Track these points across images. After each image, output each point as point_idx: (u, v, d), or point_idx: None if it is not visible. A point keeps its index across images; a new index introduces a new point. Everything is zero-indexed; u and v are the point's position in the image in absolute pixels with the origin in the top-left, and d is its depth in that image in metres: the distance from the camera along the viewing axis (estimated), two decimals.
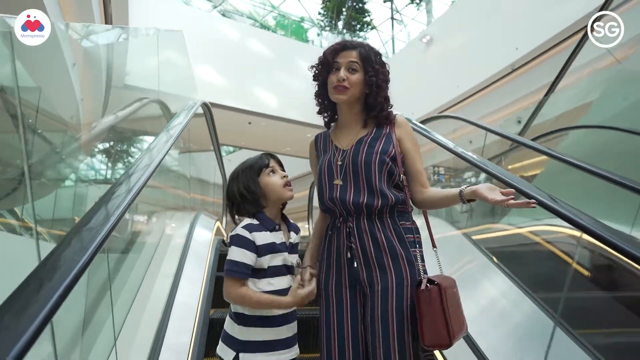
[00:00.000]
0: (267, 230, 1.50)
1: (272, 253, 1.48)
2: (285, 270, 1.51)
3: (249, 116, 12.15)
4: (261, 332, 1.45)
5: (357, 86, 1.51)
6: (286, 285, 1.50)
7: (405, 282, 1.42)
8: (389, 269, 1.43)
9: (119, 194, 1.23)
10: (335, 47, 1.55)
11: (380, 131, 1.55)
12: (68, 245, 0.91)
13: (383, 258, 1.44)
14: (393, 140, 1.53)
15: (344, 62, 1.52)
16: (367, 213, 1.47)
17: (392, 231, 1.47)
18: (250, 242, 1.46)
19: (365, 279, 1.46)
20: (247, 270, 1.44)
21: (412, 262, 1.44)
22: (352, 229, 1.49)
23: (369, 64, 1.52)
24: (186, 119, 2.55)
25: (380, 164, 1.47)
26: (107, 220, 1.05)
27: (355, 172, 1.49)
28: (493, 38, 9.67)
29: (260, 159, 1.58)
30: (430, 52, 12.15)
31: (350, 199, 1.47)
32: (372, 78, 1.51)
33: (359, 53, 1.52)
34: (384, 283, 1.42)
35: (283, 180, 1.56)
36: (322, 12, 19.12)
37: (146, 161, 1.64)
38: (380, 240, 1.45)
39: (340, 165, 1.52)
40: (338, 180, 1.51)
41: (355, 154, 1.51)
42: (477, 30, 10.33)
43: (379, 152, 1.48)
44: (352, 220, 1.49)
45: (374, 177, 1.46)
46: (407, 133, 1.57)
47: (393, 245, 1.45)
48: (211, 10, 16.03)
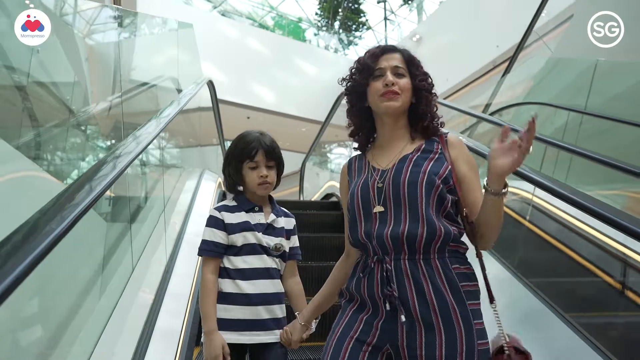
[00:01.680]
0: (243, 211, 1.57)
1: (245, 231, 1.53)
2: (259, 249, 1.54)
3: (248, 111, 12.76)
4: (225, 310, 1.49)
5: (407, 92, 1.28)
6: (260, 265, 1.53)
7: (459, 349, 1.09)
8: (437, 329, 1.11)
9: (159, 120, 1.85)
10: (375, 52, 1.32)
11: (431, 149, 1.28)
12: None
13: (430, 314, 1.12)
14: (447, 160, 1.25)
15: (388, 66, 1.29)
16: (408, 251, 1.16)
17: (442, 277, 1.14)
18: (219, 220, 1.55)
19: (405, 341, 1.13)
20: (215, 247, 1.52)
21: (469, 321, 1.12)
22: (390, 272, 1.17)
23: (415, 68, 1.31)
24: (196, 90, 3.24)
25: (429, 186, 1.18)
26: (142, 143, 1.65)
27: (396, 196, 1.20)
28: (476, 37, 10.33)
29: (249, 148, 1.55)
30: (420, 50, 12.80)
31: (388, 232, 1.18)
32: (421, 82, 1.29)
33: (403, 55, 1.31)
34: (430, 351, 1.10)
35: (259, 179, 1.54)
36: (319, 12, 19.80)
37: (168, 110, 2.26)
38: (427, 289, 1.13)
39: (379, 188, 1.23)
40: (378, 207, 1.22)
41: (397, 173, 1.23)
42: (462, 29, 11.01)
43: (428, 171, 1.20)
44: (390, 260, 1.18)
45: (420, 200, 1.17)
46: (463, 154, 1.28)
47: (443, 297, 1.13)
48: (211, 10, 16.60)
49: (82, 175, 1.36)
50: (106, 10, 3.42)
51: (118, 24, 3.23)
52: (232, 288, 1.49)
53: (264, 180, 1.54)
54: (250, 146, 1.54)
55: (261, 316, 1.49)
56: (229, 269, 1.51)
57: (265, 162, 1.55)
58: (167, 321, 2.05)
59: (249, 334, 1.47)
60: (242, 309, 1.48)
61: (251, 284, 1.49)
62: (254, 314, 1.48)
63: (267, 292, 1.51)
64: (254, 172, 1.55)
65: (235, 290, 1.49)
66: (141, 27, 3.64)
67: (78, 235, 1.12)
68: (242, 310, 1.47)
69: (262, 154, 1.54)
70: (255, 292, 1.49)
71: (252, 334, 1.48)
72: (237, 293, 1.49)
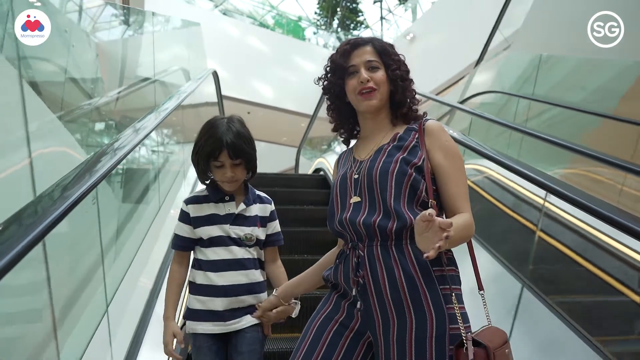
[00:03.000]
0: (212, 201, 1.55)
1: (209, 225, 1.52)
2: (228, 241, 1.51)
3: (248, 106, 13.27)
4: (198, 301, 1.51)
5: (383, 85, 1.26)
6: (229, 256, 1.51)
7: (429, 332, 1.10)
8: (408, 313, 1.13)
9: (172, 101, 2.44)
10: (345, 49, 1.29)
11: (407, 139, 1.26)
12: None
13: (401, 298, 1.13)
14: (422, 149, 1.23)
15: (360, 62, 1.27)
16: (381, 238, 1.17)
17: (413, 262, 1.15)
18: (185, 214, 1.55)
19: (380, 324, 1.15)
20: (180, 242, 1.55)
21: (440, 305, 1.12)
22: (362, 258, 1.19)
23: (388, 57, 1.28)
24: (203, 77, 3.88)
25: (400, 175, 1.18)
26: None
27: (369, 186, 1.21)
28: (464, 36, 10.89)
29: (212, 148, 1.47)
30: (413, 49, 13.36)
31: (361, 220, 1.19)
32: (395, 72, 1.27)
33: (374, 47, 1.29)
34: (401, 333, 1.12)
35: (223, 177, 1.50)
36: (318, 11, 20.35)
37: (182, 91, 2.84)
38: (398, 275, 1.14)
39: (355, 179, 1.25)
40: (355, 198, 1.23)
41: (371, 164, 1.24)
42: (452, 28, 11.57)
43: (400, 160, 1.20)
44: (363, 247, 1.20)
45: (389, 191, 1.17)
46: (438, 142, 1.24)
47: (414, 281, 1.13)
48: (213, 9, 17.07)
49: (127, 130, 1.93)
50: (137, 13, 4.05)
51: (139, 23, 3.85)
52: (202, 279, 1.51)
53: (230, 178, 1.50)
54: (213, 147, 1.47)
55: (233, 306, 1.50)
56: (200, 260, 1.53)
57: (231, 162, 1.48)
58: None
59: (220, 324, 1.49)
60: (213, 300, 1.49)
61: (220, 276, 1.49)
62: (224, 305, 1.49)
63: (237, 284, 1.50)
64: (220, 171, 1.50)
65: (206, 282, 1.50)
66: (159, 26, 4.30)
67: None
68: (214, 302, 1.49)
69: (225, 154, 1.46)
70: (226, 284, 1.49)
71: (223, 324, 1.49)
72: (208, 285, 1.50)
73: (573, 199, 1.53)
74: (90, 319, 1.70)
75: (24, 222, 0.98)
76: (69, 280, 1.68)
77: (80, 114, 2.49)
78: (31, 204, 1.11)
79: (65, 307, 1.59)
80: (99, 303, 1.81)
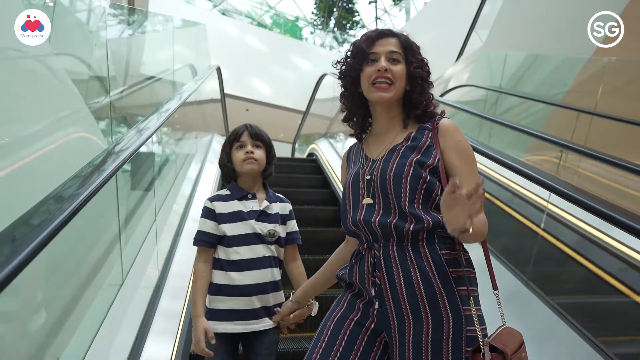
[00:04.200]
0: (236, 199, 1.60)
1: (235, 221, 1.55)
2: (253, 238, 1.55)
3: (247, 103, 13.61)
4: (219, 301, 1.54)
5: (401, 80, 1.23)
6: (252, 255, 1.53)
7: (446, 334, 1.10)
8: (425, 314, 1.11)
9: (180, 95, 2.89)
10: (371, 35, 1.27)
11: (421, 139, 1.23)
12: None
13: (417, 299, 1.12)
14: (436, 149, 1.21)
15: (382, 50, 1.24)
16: (397, 238, 1.16)
17: (430, 263, 1.14)
18: (210, 210, 1.58)
19: (396, 325, 1.14)
20: (206, 238, 1.56)
21: (457, 306, 1.11)
22: (377, 259, 1.18)
23: (412, 54, 1.25)
24: (207, 73, 4.41)
25: (415, 179, 1.16)
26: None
27: (383, 189, 1.19)
28: (455, 35, 11.34)
29: (235, 131, 1.65)
30: None
31: (376, 220, 1.18)
32: (417, 70, 1.24)
33: (400, 40, 1.26)
34: (417, 335, 1.11)
35: (244, 155, 1.58)
36: (315, 11, 20.77)
37: (191, 84, 3.30)
38: (414, 275, 1.13)
39: (368, 180, 1.22)
40: (367, 199, 1.21)
41: (384, 165, 1.21)
42: (442, 28, 12.02)
43: (414, 162, 1.18)
44: (379, 247, 1.19)
45: (404, 196, 1.16)
46: (453, 142, 1.22)
47: (431, 282, 1.12)
48: (211, 9, 17.32)
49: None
50: (151, 15, 4.58)
51: (145, 23, 4.33)
52: (223, 279, 1.53)
53: (249, 156, 1.58)
54: (236, 130, 1.64)
55: (254, 306, 1.52)
56: (221, 260, 1.55)
57: (252, 142, 1.61)
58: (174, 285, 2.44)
59: (242, 323, 1.52)
60: (234, 300, 1.52)
61: (244, 275, 1.52)
62: (246, 304, 1.51)
63: (260, 282, 1.53)
64: (240, 151, 1.59)
65: (227, 282, 1.52)
66: (170, 26, 4.80)
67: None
68: (235, 301, 1.51)
69: (247, 134, 1.61)
70: (248, 283, 1.51)
71: (245, 323, 1.52)
72: (228, 284, 1.52)
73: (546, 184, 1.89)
74: (103, 301, 1.84)
75: (59, 202, 1.17)
76: (88, 261, 1.86)
77: (104, 103, 2.89)
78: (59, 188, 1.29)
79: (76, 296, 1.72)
80: (115, 279, 1.97)
